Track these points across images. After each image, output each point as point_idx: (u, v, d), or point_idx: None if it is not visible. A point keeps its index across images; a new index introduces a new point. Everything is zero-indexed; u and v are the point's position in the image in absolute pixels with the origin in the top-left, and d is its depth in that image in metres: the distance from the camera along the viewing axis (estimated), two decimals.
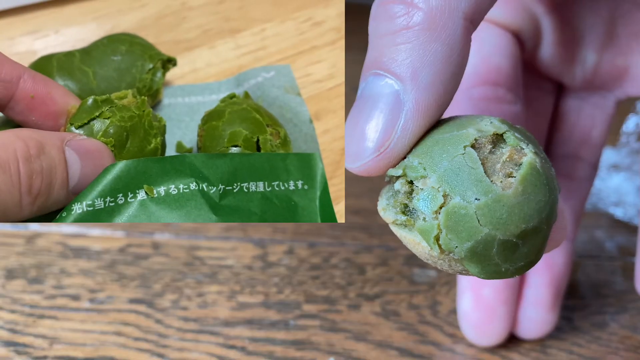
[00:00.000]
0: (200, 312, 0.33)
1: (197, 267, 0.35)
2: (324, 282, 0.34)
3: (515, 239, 0.20)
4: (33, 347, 0.31)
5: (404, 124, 0.20)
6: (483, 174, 0.19)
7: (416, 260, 0.35)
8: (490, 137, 0.20)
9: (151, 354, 0.30)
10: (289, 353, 0.31)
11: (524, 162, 0.20)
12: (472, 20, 0.20)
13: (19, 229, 0.37)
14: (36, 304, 0.33)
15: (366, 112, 0.20)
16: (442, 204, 0.20)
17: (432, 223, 0.20)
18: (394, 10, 0.20)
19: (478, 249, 0.20)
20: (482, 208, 0.19)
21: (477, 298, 0.31)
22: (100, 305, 0.33)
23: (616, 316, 0.33)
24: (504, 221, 0.19)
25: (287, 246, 0.36)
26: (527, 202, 0.20)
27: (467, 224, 0.19)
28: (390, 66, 0.20)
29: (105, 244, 0.36)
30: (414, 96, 0.19)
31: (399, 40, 0.19)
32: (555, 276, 0.31)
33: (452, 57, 0.20)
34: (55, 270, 0.34)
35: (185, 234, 0.37)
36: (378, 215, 0.38)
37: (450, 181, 0.19)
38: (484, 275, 0.20)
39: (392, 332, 0.32)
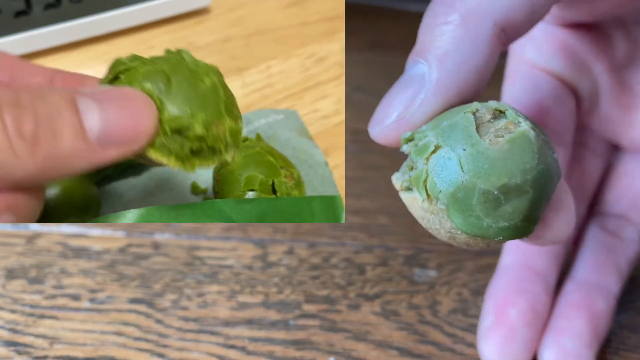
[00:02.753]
0: (200, 312, 0.33)
1: (197, 267, 0.35)
2: (324, 282, 0.34)
3: (497, 192, 0.21)
4: (33, 347, 0.31)
5: (423, 98, 0.22)
6: (474, 131, 0.21)
7: (416, 260, 0.35)
8: (492, 110, 0.22)
9: (151, 354, 0.30)
10: (289, 353, 0.31)
11: (517, 130, 0.21)
12: (504, 29, 0.23)
13: (19, 228, 0.37)
14: (36, 303, 0.33)
15: (397, 88, 0.23)
16: (433, 151, 0.21)
17: (422, 169, 0.22)
18: (437, 9, 0.23)
19: (459, 195, 0.21)
20: (466, 157, 0.21)
21: (499, 316, 0.30)
22: (101, 305, 0.33)
23: (616, 316, 0.33)
24: (485, 171, 0.21)
25: (287, 246, 0.36)
26: (512, 159, 0.21)
27: (450, 170, 0.21)
28: (424, 53, 0.23)
29: (105, 244, 0.36)
30: (436, 76, 0.22)
31: (436, 32, 0.22)
32: (595, 316, 0.30)
33: (477, 53, 0.22)
34: (56, 270, 0.34)
35: (186, 234, 0.37)
36: (378, 215, 0.38)
37: (444, 135, 0.21)
38: (466, 227, 0.21)
39: (392, 332, 0.32)
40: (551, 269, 0.31)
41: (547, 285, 0.31)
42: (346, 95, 0.44)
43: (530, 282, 0.31)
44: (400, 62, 0.25)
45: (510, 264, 0.31)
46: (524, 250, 0.31)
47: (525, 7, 0.23)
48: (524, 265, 0.31)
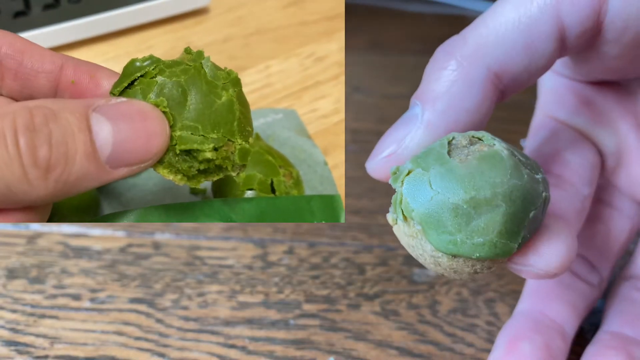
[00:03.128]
0: (200, 312, 0.33)
1: (197, 267, 0.35)
2: (324, 281, 0.35)
3: (466, 206, 0.21)
4: (34, 346, 0.31)
5: (412, 136, 0.24)
6: (446, 153, 0.22)
7: (416, 260, 0.35)
8: (468, 137, 0.22)
9: (152, 354, 0.31)
10: (289, 352, 0.31)
11: (489, 149, 0.22)
12: (498, 75, 0.24)
13: (20, 228, 0.37)
14: (37, 303, 0.33)
15: (394, 127, 0.24)
16: (406, 174, 0.22)
17: (398, 192, 0.22)
18: (438, 57, 0.24)
19: (430, 210, 0.21)
20: (435, 175, 0.21)
21: (511, 349, 0.28)
22: (101, 305, 0.33)
23: None
24: (452, 185, 0.21)
25: (287, 246, 0.36)
26: (480, 173, 0.21)
27: (421, 188, 0.21)
28: (421, 95, 0.24)
29: (106, 243, 0.36)
30: (427, 116, 0.24)
31: (433, 77, 0.24)
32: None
33: (469, 95, 0.24)
34: (56, 270, 0.35)
35: (186, 233, 0.37)
36: (378, 215, 0.38)
37: (418, 160, 0.22)
38: (441, 245, 0.21)
39: (391, 331, 0.32)
40: (569, 319, 0.30)
41: (564, 334, 0.29)
42: (346, 95, 0.45)
43: (546, 326, 0.29)
44: (400, 62, 0.26)
45: (526, 309, 0.30)
46: (541, 298, 0.30)
47: (522, 57, 0.24)
48: (541, 312, 0.30)
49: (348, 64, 0.46)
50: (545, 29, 0.23)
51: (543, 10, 0.23)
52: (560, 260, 0.23)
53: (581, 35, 0.24)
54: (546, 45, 0.24)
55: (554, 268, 0.23)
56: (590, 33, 0.24)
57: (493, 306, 0.33)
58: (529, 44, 0.24)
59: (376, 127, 0.45)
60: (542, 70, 0.25)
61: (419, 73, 0.25)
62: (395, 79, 0.50)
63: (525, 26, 0.23)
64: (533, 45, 0.24)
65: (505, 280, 0.34)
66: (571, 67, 0.29)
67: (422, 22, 0.57)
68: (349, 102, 0.48)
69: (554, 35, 0.24)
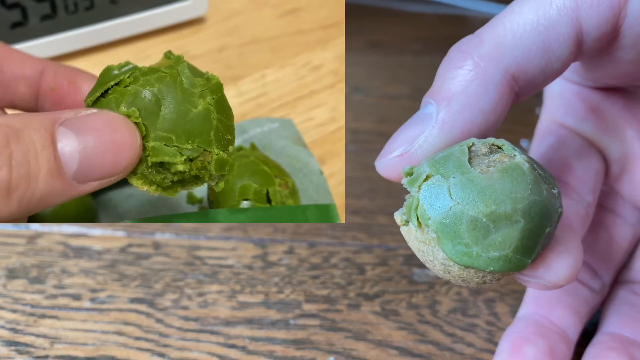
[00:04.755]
0: (200, 312, 0.33)
1: (197, 267, 0.35)
2: (324, 281, 0.35)
3: (485, 219, 0.21)
4: (34, 346, 0.31)
5: (426, 135, 0.23)
6: (466, 161, 0.21)
7: (416, 260, 0.36)
8: (488, 144, 0.22)
9: (152, 354, 0.31)
10: (289, 352, 0.31)
11: (511, 161, 0.21)
12: (515, 76, 0.23)
13: (20, 228, 0.37)
14: (37, 303, 0.33)
15: (405, 126, 0.24)
16: (424, 180, 0.22)
17: (414, 196, 0.22)
18: (453, 56, 0.24)
19: (448, 221, 0.21)
20: (455, 184, 0.21)
21: (515, 354, 0.28)
22: (101, 305, 0.33)
23: None
24: (473, 197, 0.21)
25: (287, 246, 0.36)
26: (501, 187, 0.21)
27: (440, 196, 0.21)
28: (436, 94, 0.24)
29: (106, 243, 0.36)
30: (442, 116, 0.23)
31: (448, 76, 0.23)
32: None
33: (485, 96, 0.23)
34: (57, 269, 0.35)
35: (186, 233, 0.37)
36: (378, 215, 0.38)
37: (437, 165, 0.22)
38: (455, 256, 0.21)
39: (391, 331, 0.32)
40: (571, 324, 0.30)
41: (568, 338, 0.29)
42: (346, 95, 0.45)
43: (550, 330, 0.29)
44: (400, 62, 0.26)
45: (529, 314, 0.30)
46: (544, 303, 0.30)
47: (539, 59, 0.23)
48: (543, 316, 0.30)
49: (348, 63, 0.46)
50: (563, 31, 0.23)
51: (562, 13, 0.23)
52: (569, 272, 0.23)
53: (598, 40, 0.24)
54: (563, 48, 0.23)
55: (563, 280, 0.23)
56: (607, 37, 0.24)
57: (493, 306, 0.33)
58: (547, 46, 0.23)
59: (376, 127, 0.45)
60: (557, 74, 0.24)
61: (419, 73, 0.25)
62: (395, 79, 0.50)
63: (544, 28, 0.23)
64: (551, 47, 0.23)
65: (505, 281, 0.34)
66: (580, 72, 0.29)
67: (422, 22, 0.57)
68: (349, 102, 0.48)
69: (572, 38, 0.23)
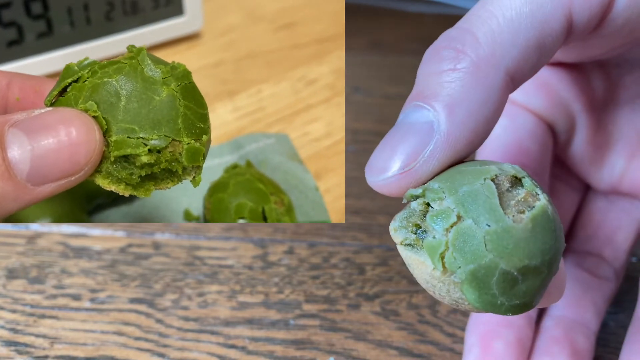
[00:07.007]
0: (200, 312, 0.33)
1: (197, 267, 0.35)
2: (324, 282, 0.35)
3: (517, 273, 0.20)
4: (34, 346, 0.31)
5: (432, 150, 0.21)
6: (498, 204, 0.20)
7: None
8: (510, 176, 0.21)
9: (152, 354, 0.31)
10: (289, 352, 0.31)
11: (537, 205, 0.20)
12: (513, 78, 0.22)
13: (20, 228, 0.37)
14: (37, 303, 0.33)
15: (400, 134, 0.21)
16: (454, 222, 0.20)
17: (441, 240, 0.20)
18: (444, 53, 0.21)
19: (479, 273, 0.20)
20: (491, 234, 0.20)
21: (485, 350, 0.29)
22: (101, 305, 0.33)
23: (615, 316, 0.33)
24: (509, 251, 0.20)
25: (287, 246, 0.36)
26: (534, 239, 0.20)
27: (474, 246, 0.20)
28: (431, 99, 0.21)
29: (106, 243, 0.36)
30: (446, 128, 0.21)
31: (443, 78, 0.21)
32: (577, 352, 0.29)
33: (488, 103, 0.21)
34: (56, 270, 0.35)
35: (186, 233, 0.37)
36: (378, 215, 0.38)
37: (465, 205, 0.20)
38: (479, 304, 0.21)
39: (391, 331, 0.32)
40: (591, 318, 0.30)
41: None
42: (346, 95, 0.45)
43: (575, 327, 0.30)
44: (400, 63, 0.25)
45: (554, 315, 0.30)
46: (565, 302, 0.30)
47: (535, 56, 0.22)
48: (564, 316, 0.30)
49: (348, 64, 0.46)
50: (556, 26, 0.22)
51: (556, 6, 0.22)
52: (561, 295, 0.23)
53: (582, 32, 0.23)
54: (555, 42, 0.22)
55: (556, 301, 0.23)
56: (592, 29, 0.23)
57: None
58: (541, 42, 0.22)
59: (376, 127, 0.45)
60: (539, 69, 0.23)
61: None
62: (395, 79, 0.50)
63: (539, 23, 0.21)
64: (544, 43, 0.22)
65: None
66: None
67: (422, 22, 0.57)
68: (349, 102, 0.48)
69: (563, 32, 0.22)
